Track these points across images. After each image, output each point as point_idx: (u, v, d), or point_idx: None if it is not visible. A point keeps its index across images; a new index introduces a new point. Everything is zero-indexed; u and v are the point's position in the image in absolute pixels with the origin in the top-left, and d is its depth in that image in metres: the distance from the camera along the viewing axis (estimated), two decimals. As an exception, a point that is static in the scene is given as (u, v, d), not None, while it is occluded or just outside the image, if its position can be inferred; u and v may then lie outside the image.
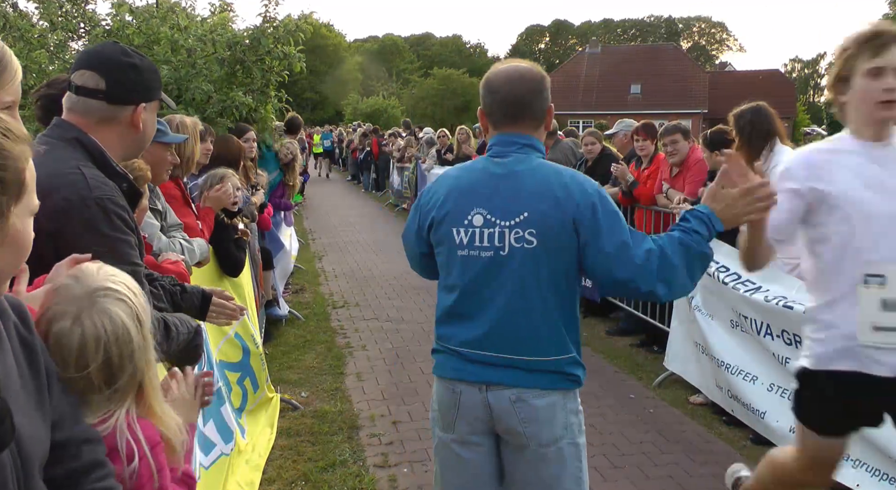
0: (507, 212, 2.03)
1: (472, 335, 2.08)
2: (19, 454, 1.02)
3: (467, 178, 2.14)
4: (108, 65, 1.91)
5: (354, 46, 69.91)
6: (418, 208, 2.25)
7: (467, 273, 2.08)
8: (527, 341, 2.05)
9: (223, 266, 3.89)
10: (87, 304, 1.31)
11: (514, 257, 2.02)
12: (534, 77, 2.15)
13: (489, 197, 2.06)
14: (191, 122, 3.49)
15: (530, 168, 2.08)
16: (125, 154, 2.04)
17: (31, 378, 1.10)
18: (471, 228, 2.06)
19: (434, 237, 2.16)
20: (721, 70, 68.23)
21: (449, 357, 2.15)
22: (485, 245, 2.04)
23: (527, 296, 2.03)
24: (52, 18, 6.00)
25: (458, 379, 2.12)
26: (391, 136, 17.70)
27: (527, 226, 2.00)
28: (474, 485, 2.18)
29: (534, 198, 2.02)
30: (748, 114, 4.15)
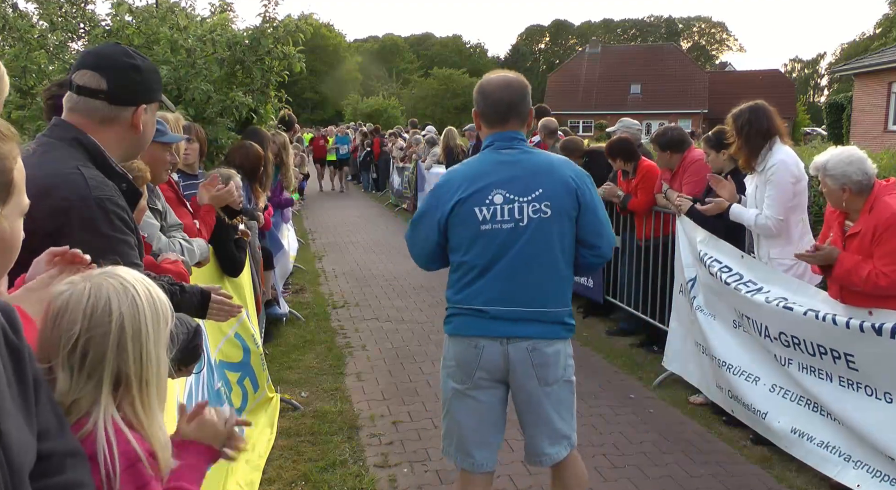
0: (524, 189, 2.50)
1: (494, 295, 2.51)
2: (8, 462, 0.98)
3: (478, 167, 2.58)
4: (110, 65, 1.91)
5: (354, 46, 69.83)
6: (435, 200, 2.59)
7: (491, 244, 2.50)
8: (541, 296, 2.53)
9: (223, 266, 3.89)
10: (87, 278, 1.31)
11: (532, 226, 2.49)
12: (520, 85, 2.62)
13: (505, 179, 2.51)
14: (173, 118, 3.47)
15: (533, 155, 2.61)
16: (125, 154, 2.04)
17: (18, 384, 1.06)
18: (493, 206, 2.50)
19: (454, 219, 2.53)
20: (721, 70, 68.24)
21: (469, 317, 2.55)
22: (506, 218, 2.49)
23: (542, 258, 2.52)
24: (51, 19, 5.99)
25: (481, 335, 2.53)
26: (391, 135, 17.68)
27: (543, 199, 2.50)
28: (487, 424, 2.63)
29: (545, 177, 2.53)
30: (746, 112, 4.14)
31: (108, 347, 1.28)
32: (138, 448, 1.30)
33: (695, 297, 4.67)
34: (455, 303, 2.59)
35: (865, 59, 25.03)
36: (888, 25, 55.68)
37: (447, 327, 2.65)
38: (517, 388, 2.60)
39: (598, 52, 57.55)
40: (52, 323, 1.28)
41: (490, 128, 2.62)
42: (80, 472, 1.18)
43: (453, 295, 2.60)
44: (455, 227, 2.54)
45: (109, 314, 1.28)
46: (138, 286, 1.34)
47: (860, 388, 3.38)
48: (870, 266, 3.23)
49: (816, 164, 3.50)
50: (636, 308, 5.99)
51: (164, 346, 1.37)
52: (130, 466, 1.27)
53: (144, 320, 1.32)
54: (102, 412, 1.29)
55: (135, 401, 1.33)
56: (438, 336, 6.22)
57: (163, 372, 1.38)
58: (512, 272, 2.50)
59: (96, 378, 1.29)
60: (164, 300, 1.39)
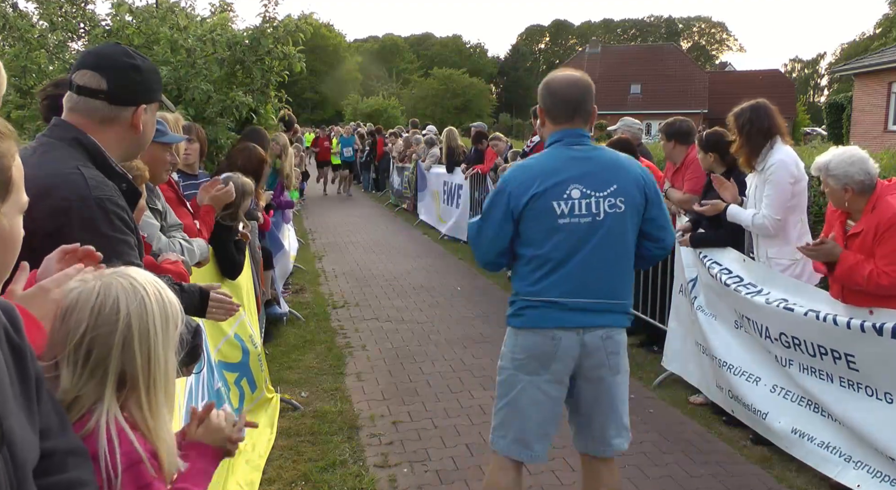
0: (600, 184, 2.58)
1: (571, 287, 2.57)
2: (12, 459, 0.98)
3: (552, 162, 2.62)
4: (110, 65, 1.91)
5: (354, 46, 69.82)
6: (506, 194, 2.61)
7: (569, 237, 2.56)
8: (612, 288, 2.63)
9: (222, 268, 3.89)
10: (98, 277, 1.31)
11: (608, 221, 2.58)
12: (586, 83, 2.68)
13: (581, 174, 2.58)
14: (172, 118, 3.47)
15: (604, 152, 2.70)
16: (125, 154, 2.04)
17: (20, 383, 1.07)
18: (570, 200, 2.56)
19: (529, 213, 2.58)
20: (721, 70, 68.22)
21: (546, 309, 2.60)
22: (583, 213, 2.56)
23: (616, 251, 2.62)
24: (51, 18, 5.99)
25: (558, 326, 2.59)
26: (391, 135, 17.63)
27: (617, 194, 2.59)
28: (550, 417, 2.70)
29: (617, 173, 2.63)
30: (748, 111, 4.13)
31: (112, 346, 1.28)
32: (140, 448, 1.29)
33: (696, 298, 4.66)
34: (528, 295, 2.62)
35: (865, 59, 25.03)
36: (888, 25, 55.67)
37: (517, 320, 2.67)
38: (588, 378, 2.67)
39: (598, 52, 57.51)
40: (61, 320, 1.29)
41: (556, 124, 2.67)
42: (82, 470, 1.18)
43: (526, 287, 2.63)
44: (529, 221, 2.59)
45: (117, 313, 1.28)
46: (148, 287, 1.34)
47: (860, 388, 3.38)
48: (871, 265, 3.23)
49: (818, 165, 3.49)
50: (636, 308, 5.98)
51: (172, 347, 1.37)
52: (132, 466, 1.27)
53: (153, 321, 1.32)
54: (105, 411, 1.28)
55: (141, 401, 1.33)
56: (438, 336, 6.23)
57: (171, 374, 1.38)
58: (588, 265, 2.57)
59: (99, 376, 1.29)
60: (175, 302, 1.39)
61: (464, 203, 11.14)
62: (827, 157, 3.45)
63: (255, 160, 5.06)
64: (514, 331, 2.71)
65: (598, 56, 56.31)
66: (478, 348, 5.90)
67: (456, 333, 6.33)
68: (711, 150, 4.65)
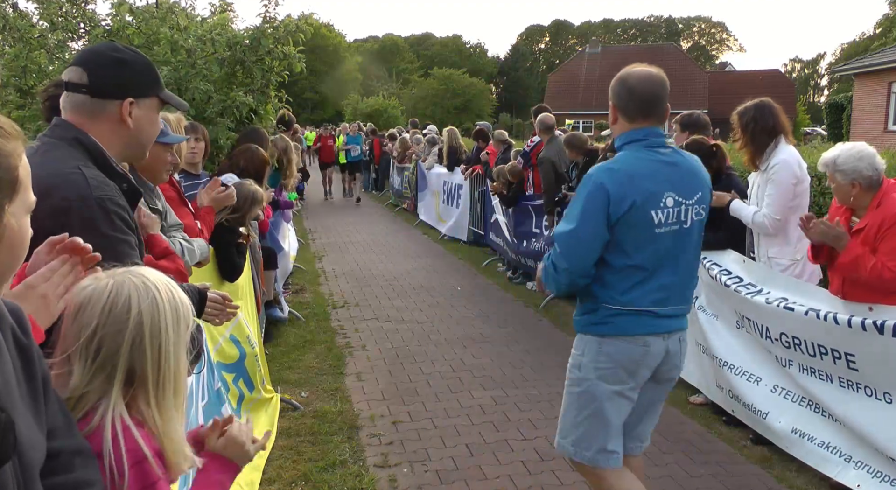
0: (688, 192, 2.55)
1: (662, 295, 2.54)
2: (19, 459, 0.99)
3: (644, 167, 2.51)
4: (93, 60, 1.92)
5: (354, 46, 69.75)
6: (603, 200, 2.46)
7: (661, 246, 2.51)
8: (689, 292, 2.68)
9: (222, 270, 3.90)
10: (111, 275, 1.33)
11: (692, 229, 2.57)
12: (663, 80, 2.58)
13: (674, 182, 2.52)
14: (174, 119, 3.48)
15: (684, 155, 2.65)
16: (124, 153, 2.02)
17: (27, 385, 1.08)
18: (666, 209, 2.50)
19: (627, 221, 2.47)
20: (721, 70, 68.19)
21: (637, 316, 2.54)
22: (673, 221, 2.52)
23: (696, 257, 2.67)
24: (51, 19, 6.00)
25: (649, 333, 2.56)
26: (388, 136, 17.51)
27: (701, 202, 2.58)
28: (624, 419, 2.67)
29: (700, 179, 2.61)
30: (752, 110, 4.12)
31: (122, 343, 1.29)
32: (145, 447, 1.29)
33: (697, 298, 4.66)
34: (619, 304, 2.54)
35: (865, 59, 25.02)
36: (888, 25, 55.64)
37: (604, 328, 2.57)
38: (659, 380, 2.68)
39: (598, 52, 57.53)
40: (73, 317, 1.30)
41: (631, 123, 2.57)
42: (88, 470, 1.19)
43: (617, 296, 2.53)
44: (625, 229, 2.48)
45: (128, 311, 1.30)
46: (161, 286, 1.35)
47: (860, 388, 3.38)
48: (875, 259, 3.23)
49: (826, 160, 3.48)
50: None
51: (183, 347, 1.38)
52: (136, 464, 1.27)
53: (165, 320, 1.33)
54: (111, 409, 1.29)
55: (150, 399, 1.33)
56: (438, 336, 6.23)
57: (181, 373, 1.38)
58: (676, 272, 2.56)
59: (107, 373, 1.30)
60: (187, 303, 1.39)
61: (464, 203, 11.14)
62: (835, 153, 3.45)
63: (258, 161, 5.06)
64: (597, 339, 2.60)
65: (598, 56, 56.33)
66: (478, 348, 5.90)
67: (456, 333, 6.33)
68: (688, 130, 4.65)
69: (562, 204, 7.18)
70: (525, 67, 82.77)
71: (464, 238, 11.19)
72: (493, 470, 3.80)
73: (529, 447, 4.07)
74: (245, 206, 4.14)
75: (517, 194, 8.30)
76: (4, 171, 1.00)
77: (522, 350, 5.85)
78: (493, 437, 4.21)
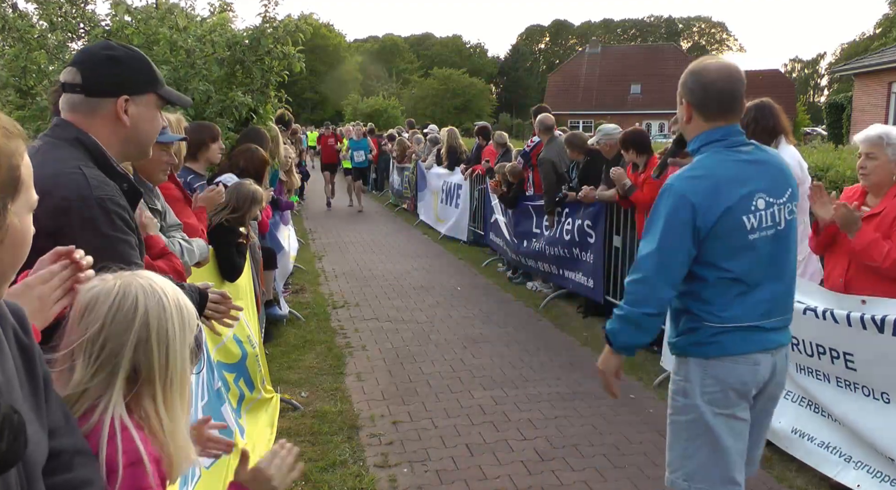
0: (778, 191, 2.34)
1: (766, 307, 2.33)
2: (23, 460, 1.00)
3: (728, 169, 2.31)
4: (86, 58, 1.92)
5: (354, 46, 69.80)
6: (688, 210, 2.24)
7: (758, 254, 2.30)
8: (791, 301, 2.45)
9: (222, 270, 3.90)
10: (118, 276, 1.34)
11: (788, 230, 2.37)
12: (741, 75, 2.37)
13: (763, 181, 2.32)
14: (174, 119, 3.48)
15: (769, 152, 2.46)
16: (124, 151, 2.01)
17: (29, 384, 1.09)
18: (758, 212, 2.30)
19: (718, 231, 2.26)
20: (721, 70, 67.98)
21: (744, 333, 2.32)
22: (768, 224, 2.31)
23: (793, 261, 2.43)
24: (51, 19, 5.99)
25: (759, 350, 2.34)
26: (388, 136, 17.46)
27: (791, 200, 2.37)
28: (746, 441, 2.43)
29: (787, 175, 2.41)
30: (752, 110, 4.11)
31: (126, 343, 1.30)
32: (143, 450, 1.29)
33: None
34: (722, 321, 2.31)
35: (865, 59, 25.03)
36: (888, 25, 55.64)
37: (708, 349, 2.33)
38: (765, 398, 2.46)
39: (598, 52, 57.57)
40: (80, 316, 1.31)
41: (708, 121, 2.36)
42: (88, 470, 1.19)
43: (718, 312, 2.30)
44: (716, 240, 2.27)
45: (135, 311, 1.31)
46: (168, 289, 1.37)
47: (857, 388, 3.38)
48: (890, 244, 3.23)
49: (873, 135, 3.37)
50: (636, 308, 5.97)
51: (188, 350, 1.38)
52: (131, 466, 1.27)
53: (171, 321, 1.34)
54: (111, 408, 1.29)
55: (157, 398, 1.34)
56: (438, 336, 6.23)
57: (186, 375, 1.39)
58: (777, 280, 2.35)
59: (109, 371, 1.30)
60: (191, 308, 1.40)
61: (463, 203, 11.14)
62: (884, 129, 3.37)
63: (257, 161, 5.07)
64: (702, 362, 2.35)
65: (598, 56, 56.38)
66: (478, 348, 5.90)
67: (456, 333, 6.33)
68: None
69: (562, 204, 7.18)
70: (525, 67, 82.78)
71: (463, 238, 11.19)
72: (493, 470, 3.80)
73: (529, 447, 4.07)
74: (244, 205, 4.15)
75: (517, 195, 8.30)
76: (7, 170, 1.01)
77: (522, 350, 5.85)
78: (493, 437, 4.21)
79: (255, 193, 4.22)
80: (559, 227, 7.29)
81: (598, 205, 6.57)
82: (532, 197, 8.09)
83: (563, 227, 7.20)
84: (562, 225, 7.24)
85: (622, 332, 2.38)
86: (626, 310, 2.35)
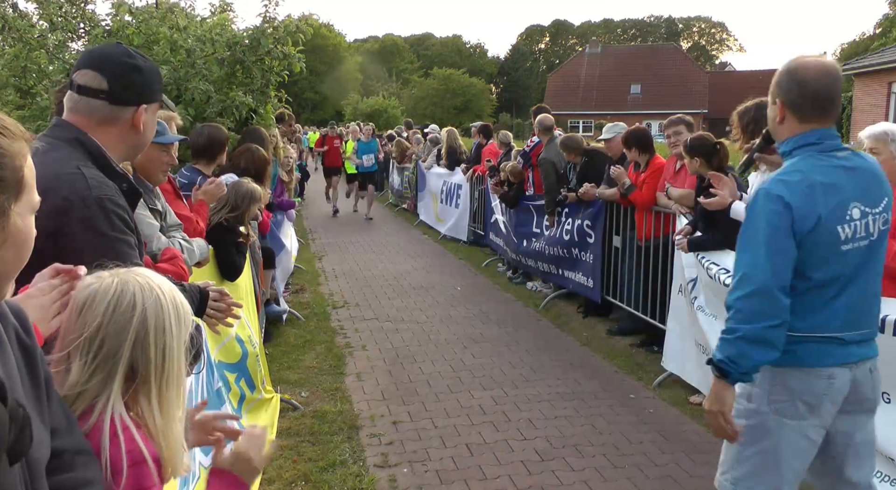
0: (873, 201, 2.25)
1: (849, 318, 2.23)
2: (26, 458, 1.01)
3: (824, 176, 2.20)
4: (111, 65, 1.91)
5: (354, 46, 69.83)
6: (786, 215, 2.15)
7: (847, 264, 2.22)
8: (876, 313, 2.35)
9: (222, 270, 3.90)
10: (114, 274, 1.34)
11: (880, 241, 2.28)
12: (839, 75, 2.29)
13: (858, 190, 2.22)
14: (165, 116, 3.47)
15: (864, 157, 2.34)
16: (125, 154, 2.05)
17: (31, 384, 1.09)
18: (852, 222, 2.21)
19: (811, 240, 2.16)
20: (721, 70, 68.25)
21: (822, 345, 2.23)
22: (862, 235, 2.22)
23: (880, 272, 2.33)
24: (51, 19, 5.99)
25: (836, 364, 2.23)
26: (388, 136, 17.46)
27: (886, 210, 2.27)
28: (807, 465, 2.33)
29: (882, 183, 2.29)
30: (752, 110, 4.11)
31: (125, 341, 1.29)
32: (145, 449, 1.29)
33: (696, 298, 4.66)
34: (800, 330, 2.21)
35: (865, 59, 25.04)
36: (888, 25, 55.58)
37: (782, 358, 2.20)
38: (852, 411, 2.31)
39: (598, 52, 57.62)
40: (77, 314, 1.30)
41: (802, 123, 2.24)
42: (89, 469, 1.20)
43: (796, 321, 2.19)
44: (807, 247, 2.17)
45: (133, 309, 1.30)
46: (164, 286, 1.37)
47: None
48: (892, 242, 3.22)
49: (878, 131, 3.37)
50: (636, 308, 5.99)
51: (185, 348, 1.38)
52: (134, 465, 1.27)
53: (168, 319, 1.34)
54: (110, 407, 1.29)
55: (152, 397, 1.33)
56: (438, 336, 6.23)
57: (183, 374, 1.39)
58: (863, 292, 2.25)
59: (107, 370, 1.30)
60: (187, 306, 1.41)
61: (463, 203, 11.14)
62: (887, 127, 3.38)
63: (258, 161, 5.07)
64: (774, 369, 2.26)
65: (598, 56, 56.41)
66: (478, 348, 5.90)
67: (456, 333, 6.34)
68: (696, 155, 4.65)
69: (563, 204, 7.18)
70: (525, 67, 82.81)
71: (464, 238, 11.19)
72: (493, 470, 3.80)
73: (529, 447, 4.07)
74: (243, 204, 4.15)
75: (518, 194, 8.30)
76: (10, 171, 1.01)
77: (522, 350, 5.85)
78: (493, 437, 4.21)
79: (254, 192, 4.22)
80: (559, 227, 7.30)
81: (598, 205, 6.57)
82: (532, 197, 8.09)
83: (563, 227, 7.21)
84: (562, 225, 7.25)
85: (747, 356, 2.18)
86: (743, 330, 2.16)
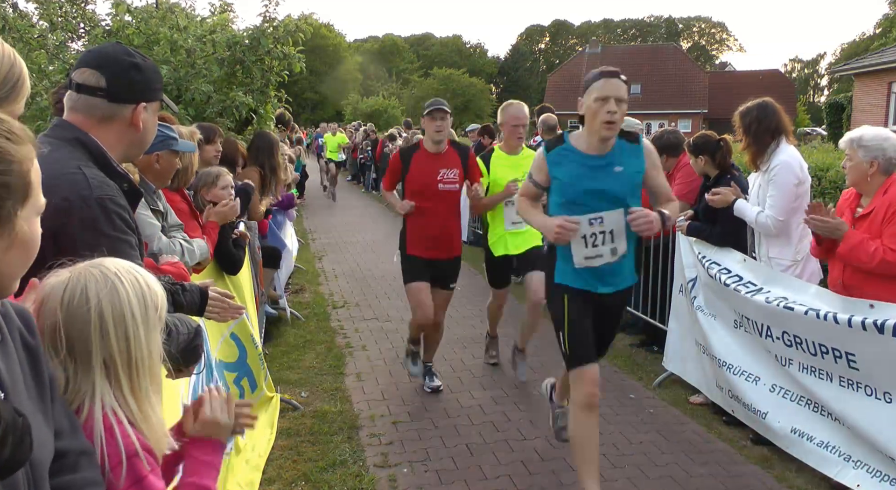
0: None
1: None
2: (29, 460, 1.00)
3: None
4: (110, 63, 1.91)
5: (354, 46, 69.82)
6: None
7: None
8: None
9: (222, 264, 3.90)
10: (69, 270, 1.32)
11: None
12: None
13: None
14: (187, 131, 3.50)
15: None
16: (126, 154, 2.04)
17: (35, 384, 1.09)
18: None
19: None
20: (721, 70, 68.25)
21: None
22: None
23: None
24: (51, 19, 6.00)
25: None
26: (388, 137, 17.47)
27: None
28: None
29: None
30: (754, 110, 4.12)
31: (89, 335, 1.28)
32: (136, 441, 1.30)
33: (695, 297, 4.66)
34: None
35: (865, 59, 25.04)
36: (888, 25, 55.62)
37: None
38: None
39: (598, 52, 57.56)
40: (36, 313, 1.28)
41: None
42: (93, 470, 1.20)
43: None
44: None
45: (87, 301, 1.29)
46: (123, 273, 1.34)
47: (860, 387, 3.38)
48: (877, 243, 3.27)
49: (850, 137, 3.51)
50: (636, 308, 5.99)
51: (155, 331, 1.37)
52: (128, 458, 1.28)
53: (128, 305, 1.32)
54: (98, 401, 1.29)
55: (123, 385, 1.32)
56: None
57: (155, 357, 1.38)
58: None
59: (84, 366, 1.29)
60: (155, 286, 1.39)
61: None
62: (860, 132, 3.48)
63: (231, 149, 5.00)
64: None
65: (599, 56, 56.31)
66: (478, 348, 5.90)
67: (456, 333, 6.33)
68: (701, 154, 4.66)
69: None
70: (525, 67, 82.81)
71: (464, 238, 11.16)
72: (493, 470, 3.80)
73: (529, 447, 4.07)
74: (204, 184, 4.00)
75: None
76: (17, 176, 1.01)
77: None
78: (493, 437, 4.21)
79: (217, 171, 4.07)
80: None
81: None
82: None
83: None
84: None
85: None
86: None
